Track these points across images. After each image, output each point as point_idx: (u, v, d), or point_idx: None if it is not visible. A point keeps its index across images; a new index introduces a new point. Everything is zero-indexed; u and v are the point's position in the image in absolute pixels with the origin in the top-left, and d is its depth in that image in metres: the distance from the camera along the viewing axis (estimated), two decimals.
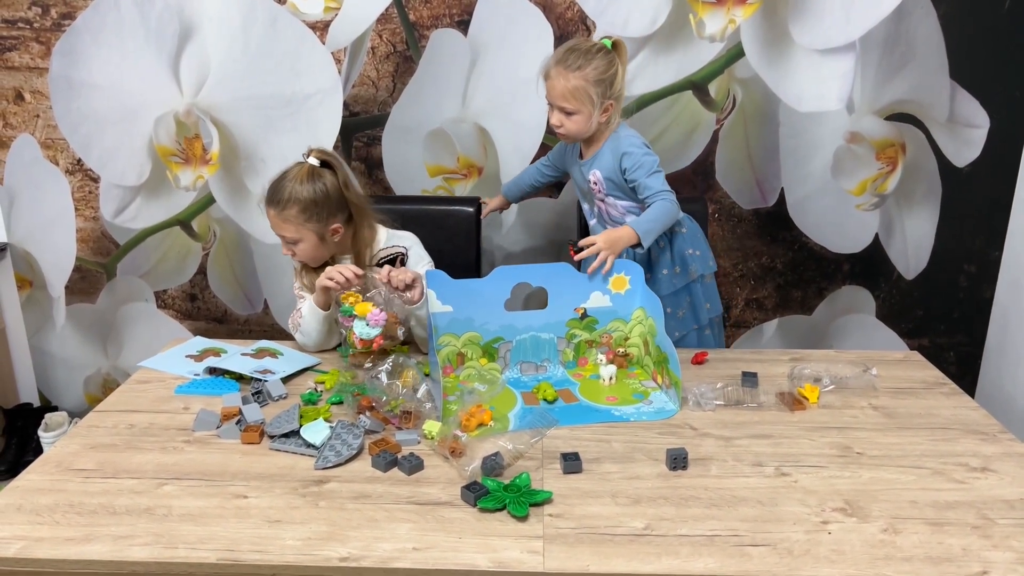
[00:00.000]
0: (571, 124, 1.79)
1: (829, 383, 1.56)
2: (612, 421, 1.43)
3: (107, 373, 2.69)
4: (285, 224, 1.70)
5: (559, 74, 1.75)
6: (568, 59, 1.75)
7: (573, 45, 1.78)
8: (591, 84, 1.74)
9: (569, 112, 1.77)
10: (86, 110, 2.39)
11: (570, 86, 1.74)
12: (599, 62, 1.75)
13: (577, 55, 1.75)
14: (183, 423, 1.43)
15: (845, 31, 2.25)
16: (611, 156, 1.83)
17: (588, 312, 1.62)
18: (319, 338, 1.73)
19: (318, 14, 2.32)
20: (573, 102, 1.75)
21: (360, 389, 1.47)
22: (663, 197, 1.78)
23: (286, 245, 1.74)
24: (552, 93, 1.78)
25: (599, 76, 1.75)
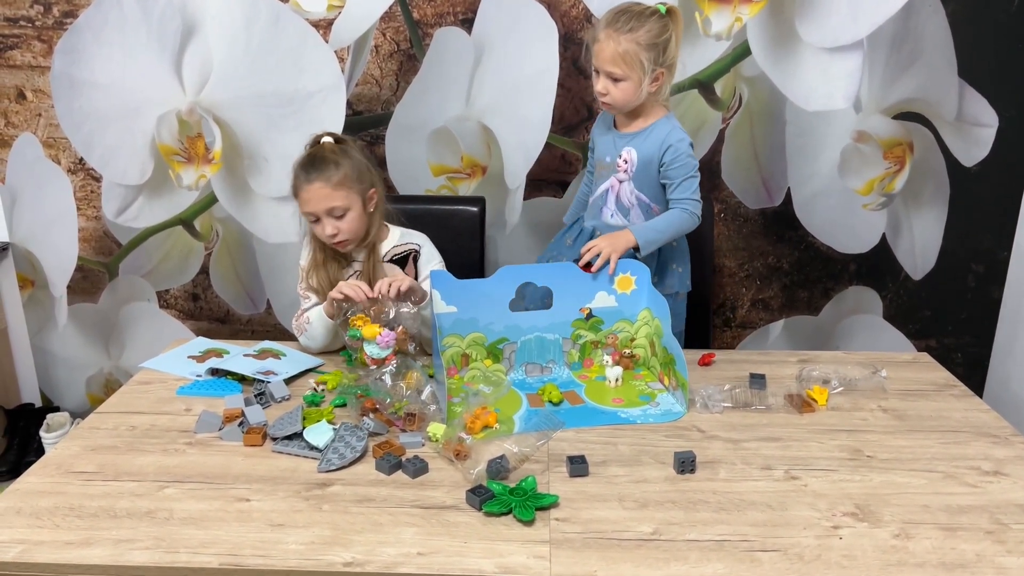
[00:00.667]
0: (618, 92, 1.68)
1: (838, 385, 1.54)
2: (619, 423, 1.42)
3: (109, 373, 2.68)
4: (336, 192, 1.66)
5: (608, 36, 1.64)
6: (619, 21, 1.65)
7: (624, 7, 1.68)
8: (643, 48, 1.63)
9: (617, 78, 1.66)
10: (88, 109, 2.38)
11: (620, 49, 1.63)
12: (652, 25, 1.65)
13: (629, 16, 1.65)
14: (185, 425, 1.42)
15: (852, 29, 2.23)
16: (657, 141, 1.73)
17: (593, 312, 1.60)
18: (325, 342, 1.72)
19: (321, 12, 2.30)
20: (623, 66, 1.64)
21: (363, 391, 1.45)
22: (684, 207, 1.73)
23: (331, 222, 1.68)
24: (600, 56, 1.66)
25: (652, 40, 1.64)
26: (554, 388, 1.50)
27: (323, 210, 1.68)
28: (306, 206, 1.69)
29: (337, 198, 1.67)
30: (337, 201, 1.67)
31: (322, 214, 1.68)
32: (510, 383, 1.50)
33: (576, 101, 2.35)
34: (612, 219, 1.82)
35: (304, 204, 1.69)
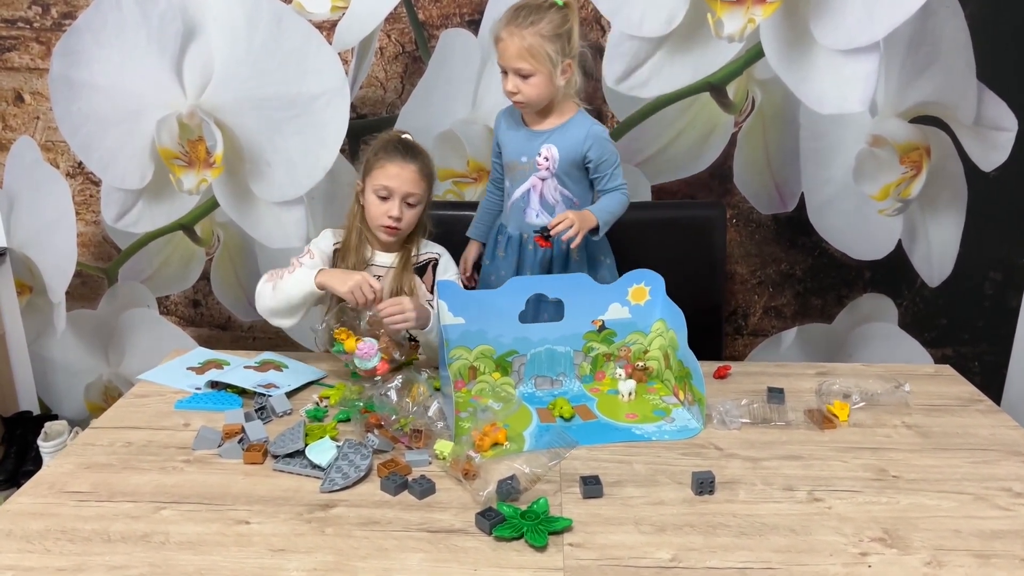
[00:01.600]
0: (529, 88, 1.68)
1: (859, 400, 1.49)
2: (633, 440, 1.36)
3: (108, 380, 2.63)
4: (422, 182, 1.69)
5: (511, 33, 1.64)
6: (519, 16, 1.65)
7: (521, 3, 1.68)
8: (547, 40, 1.64)
9: (526, 74, 1.66)
10: (87, 111, 2.33)
11: (525, 44, 1.63)
12: (553, 16, 1.66)
13: (528, 11, 1.65)
14: (183, 441, 1.37)
15: (869, 30, 2.18)
16: (579, 137, 1.73)
17: (606, 324, 1.55)
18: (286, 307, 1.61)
19: (325, 13, 2.25)
20: (531, 61, 1.64)
21: (367, 405, 1.41)
22: (623, 191, 1.79)
23: (402, 206, 1.67)
24: (505, 55, 1.66)
25: (555, 31, 1.65)
26: (565, 403, 1.44)
27: (404, 192, 1.67)
28: (390, 180, 1.67)
29: (420, 187, 1.70)
30: (419, 190, 1.69)
31: (399, 196, 1.67)
32: (520, 399, 1.45)
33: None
34: (537, 219, 1.81)
35: (388, 177, 1.67)
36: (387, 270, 1.77)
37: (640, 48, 2.23)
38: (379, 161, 1.70)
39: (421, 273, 1.78)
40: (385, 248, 1.77)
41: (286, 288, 1.61)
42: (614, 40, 2.23)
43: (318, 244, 1.77)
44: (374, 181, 1.70)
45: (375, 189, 1.69)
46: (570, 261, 1.83)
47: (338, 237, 1.80)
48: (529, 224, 1.82)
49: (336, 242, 1.80)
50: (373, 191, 1.70)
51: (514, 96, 1.70)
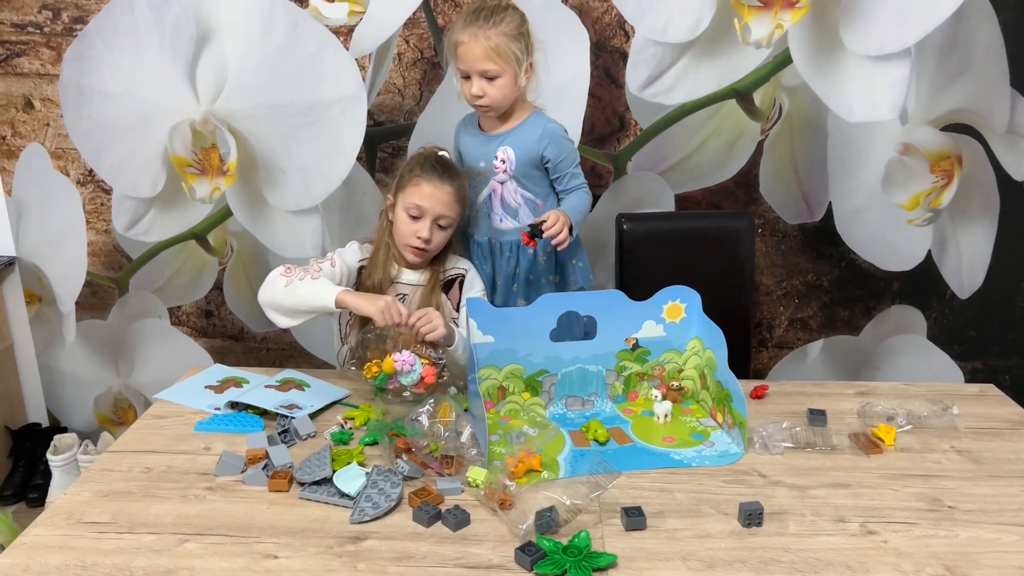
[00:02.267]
0: (495, 91, 1.67)
1: (905, 422, 1.43)
2: (672, 467, 1.31)
3: (118, 392, 2.58)
4: (456, 205, 1.67)
5: (474, 35, 1.63)
6: (480, 18, 1.64)
7: (476, 6, 1.67)
8: (511, 39, 1.64)
9: (492, 76, 1.65)
10: (98, 118, 2.28)
11: (491, 44, 1.63)
12: (512, 16, 1.67)
13: (488, 12, 1.65)
14: (204, 466, 1.32)
15: (900, 36, 2.12)
16: (535, 137, 1.73)
17: (640, 343, 1.49)
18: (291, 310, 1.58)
19: (342, 18, 2.20)
20: (498, 61, 1.63)
21: (396, 428, 1.35)
22: (585, 189, 1.79)
23: (433, 227, 1.65)
24: (469, 58, 1.65)
25: (516, 30, 1.66)
26: (599, 425, 1.39)
27: (436, 213, 1.65)
28: (424, 199, 1.64)
29: (454, 210, 1.67)
30: (452, 213, 1.66)
31: (431, 216, 1.64)
32: (558, 427, 1.38)
33: (608, 111, 2.25)
34: (502, 223, 1.80)
35: (422, 197, 1.64)
36: (414, 288, 1.72)
37: (665, 54, 2.18)
38: (414, 178, 1.66)
39: (447, 289, 1.73)
40: (411, 266, 1.71)
41: (302, 292, 1.56)
42: (638, 46, 2.18)
43: (343, 255, 1.71)
44: (406, 198, 1.65)
45: (407, 207, 1.65)
46: (536, 263, 1.81)
47: (364, 253, 1.75)
48: (497, 229, 1.81)
49: (362, 259, 1.74)
50: (404, 209, 1.65)
51: (479, 100, 1.69)
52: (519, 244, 1.77)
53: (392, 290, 1.72)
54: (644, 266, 2.04)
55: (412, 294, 1.72)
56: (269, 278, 1.61)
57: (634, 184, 2.30)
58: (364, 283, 1.72)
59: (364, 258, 1.75)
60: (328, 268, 1.65)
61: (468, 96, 1.70)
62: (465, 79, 1.69)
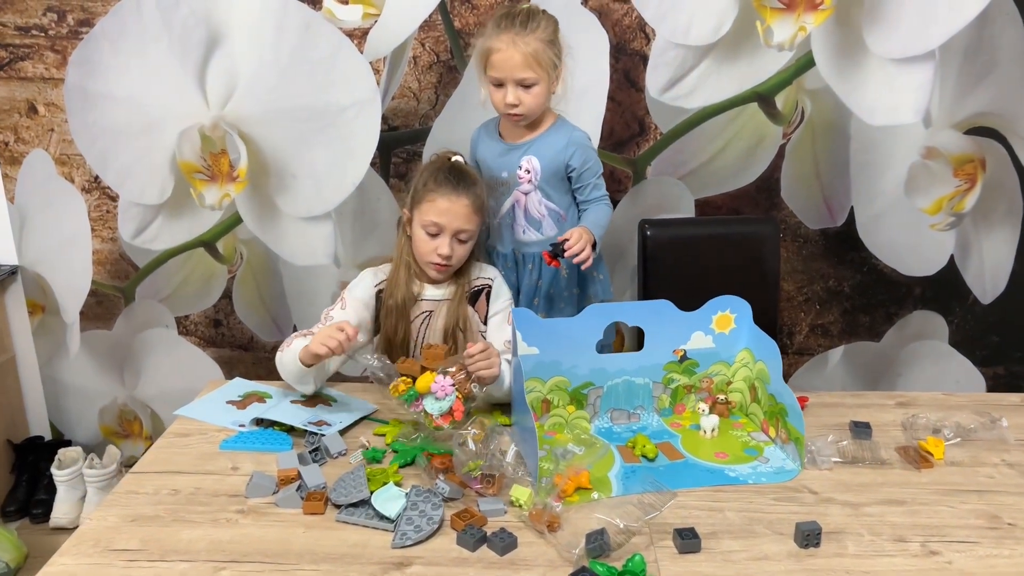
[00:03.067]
0: (531, 99, 1.62)
1: (952, 435, 1.40)
2: (727, 484, 1.26)
3: (124, 404, 2.51)
4: (474, 216, 1.59)
5: (511, 42, 1.58)
6: (515, 24, 1.59)
7: (507, 11, 1.62)
8: (548, 45, 1.60)
9: (529, 84, 1.60)
10: (104, 123, 2.22)
11: (530, 50, 1.58)
12: (547, 21, 1.62)
13: (524, 17, 1.60)
14: (234, 487, 1.26)
15: (924, 39, 2.10)
16: (560, 146, 1.69)
17: (688, 354, 1.45)
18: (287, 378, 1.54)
19: (356, 21, 2.15)
20: (536, 69, 1.59)
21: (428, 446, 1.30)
22: (607, 201, 1.76)
23: (452, 243, 1.57)
24: (507, 66, 1.59)
25: (551, 35, 1.62)
26: (646, 440, 1.34)
27: (455, 228, 1.57)
28: (440, 216, 1.56)
29: (473, 222, 1.59)
30: (471, 225, 1.59)
31: (450, 231, 1.57)
32: (608, 445, 1.34)
33: (627, 115, 2.21)
34: (525, 235, 1.77)
35: (438, 213, 1.56)
36: (439, 304, 1.65)
37: (686, 57, 2.14)
38: (428, 193, 1.58)
39: (473, 301, 1.67)
40: (434, 280, 1.65)
41: (285, 361, 1.51)
42: (659, 48, 2.14)
43: (353, 292, 1.65)
44: (423, 215, 1.58)
45: (424, 224, 1.58)
46: (558, 276, 1.77)
47: (380, 277, 1.67)
48: (521, 241, 1.78)
49: (378, 283, 1.66)
50: (422, 226, 1.58)
51: (514, 109, 1.63)
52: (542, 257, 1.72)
53: (416, 308, 1.65)
54: (668, 273, 1.99)
55: (437, 309, 1.65)
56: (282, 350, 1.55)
57: (654, 189, 2.26)
58: (386, 303, 1.63)
59: (381, 281, 1.66)
60: (339, 313, 1.59)
61: (500, 105, 1.65)
62: (497, 86, 1.63)
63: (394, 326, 1.62)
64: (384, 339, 1.66)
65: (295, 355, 1.47)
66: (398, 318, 1.62)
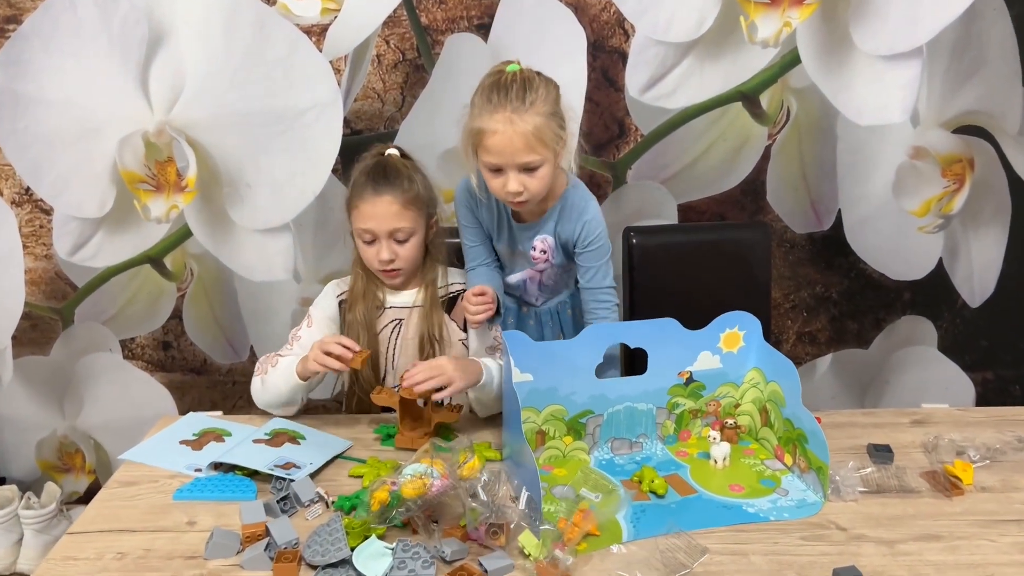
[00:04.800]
0: (536, 183, 1.35)
1: (977, 457, 1.30)
2: (747, 522, 1.14)
3: (64, 435, 2.30)
4: (405, 212, 1.44)
5: (508, 121, 1.31)
6: (510, 99, 1.32)
7: (498, 81, 1.35)
8: (550, 118, 1.33)
9: (534, 167, 1.34)
10: (36, 130, 2.02)
11: (531, 129, 1.30)
12: (545, 88, 1.36)
13: (519, 89, 1.32)
14: (191, 547, 1.10)
15: (911, 35, 2.01)
16: (573, 218, 1.47)
17: (694, 376, 1.32)
18: (278, 403, 1.45)
19: (314, 16, 2.00)
20: (540, 150, 1.32)
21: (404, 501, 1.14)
22: (608, 304, 1.50)
23: (390, 245, 1.45)
24: (507, 150, 1.32)
25: (553, 106, 1.35)
26: (654, 474, 1.21)
27: (386, 230, 1.44)
28: (366, 222, 1.45)
29: (405, 218, 1.45)
30: (404, 222, 1.45)
31: (383, 235, 1.44)
32: (626, 496, 1.17)
33: (606, 116, 2.09)
34: (538, 302, 1.62)
35: (363, 219, 1.45)
36: (409, 310, 1.53)
37: (667, 54, 2.03)
38: (353, 200, 1.47)
39: (450, 307, 1.54)
40: (398, 286, 1.53)
41: (274, 383, 1.43)
42: (638, 46, 2.03)
43: (319, 305, 1.57)
44: (355, 224, 1.48)
45: (358, 234, 1.48)
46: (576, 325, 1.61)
47: (343, 288, 1.58)
48: (534, 306, 1.63)
49: (340, 293, 1.57)
50: (357, 235, 1.48)
51: (517, 198, 1.37)
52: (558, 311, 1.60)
53: (383, 317, 1.55)
54: (655, 283, 1.87)
55: (408, 317, 1.54)
56: (252, 385, 1.49)
57: (635, 194, 2.15)
58: (347, 317, 1.54)
59: (344, 292, 1.57)
60: (306, 332, 1.51)
61: (501, 193, 1.39)
62: (495, 171, 1.37)
63: (357, 339, 1.49)
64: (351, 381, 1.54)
65: (287, 372, 1.40)
66: (360, 330, 1.51)
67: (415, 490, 1.05)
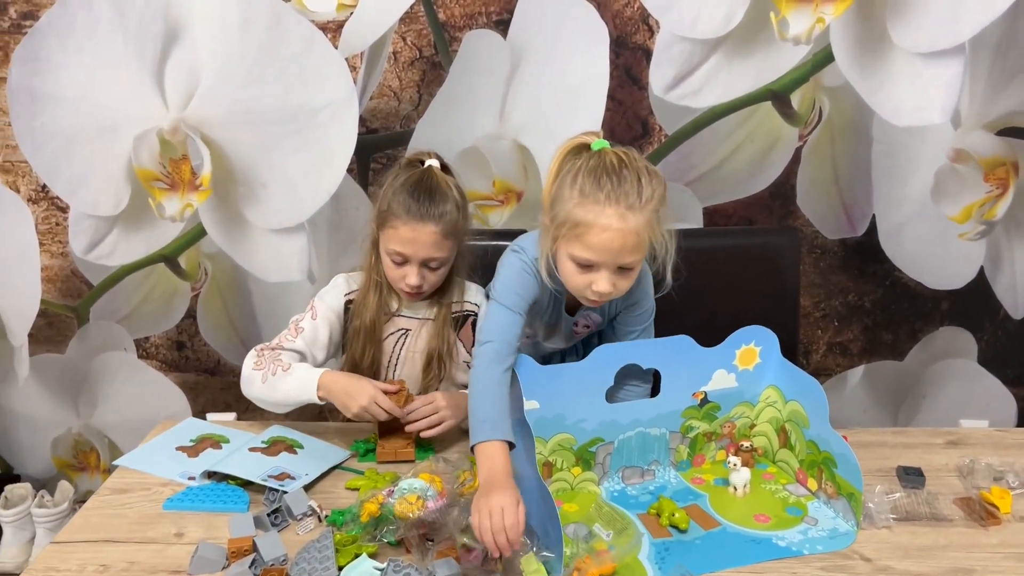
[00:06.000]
0: (626, 283, 1.20)
1: (1017, 483, 1.21)
2: (781, 557, 1.06)
3: (78, 433, 2.30)
4: (446, 242, 1.36)
5: (622, 217, 1.13)
6: (626, 193, 1.14)
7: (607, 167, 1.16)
8: (657, 215, 1.18)
9: (628, 267, 1.19)
10: (52, 127, 2.01)
11: (638, 226, 1.14)
12: (658, 179, 1.19)
13: (633, 179, 1.15)
14: (176, 560, 1.05)
15: (953, 31, 1.91)
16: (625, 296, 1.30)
17: (708, 396, 1.25)
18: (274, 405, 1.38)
19: (330, 13, 1.96)
20: (645, 247, 1.18)
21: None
22: None
23: (419, 272, 1.36)
24: (612, 251, 1.15)
25: (662, 200, 1.19)
26: (672, 505, 1.13)
27: (421, 258, 1.36)
28: (402, 245, 1.35)
29: (444, 248, 1.36)
30: (442, 252, 1.37)
31: (417, 261, 1.36)
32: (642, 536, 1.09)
33: (629, 115, 2.02)
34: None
35: (399, 242, 1.35)
36: (420, 323, 1.47)
37: (693, 51, 1.95)
38: (391, 218, 1.35)
39: (459, 326, 1.48)
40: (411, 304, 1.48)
41: (283, 389, 1.34)
42: (663, 43, 1.96)
43: (325, 299, 1.48)
44: (387, 242, 1.38)
45: (388, 252, 1.38)
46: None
47: (352, 286, 1.49)
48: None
49: (348, 293, 1.49)
50: (387, 253, 1.39)
51: (605, 297, 1.20)
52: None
53: (391, 324, 1.48)
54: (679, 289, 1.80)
55: (417, 329, 1.48)
56: (244, 372, 1.39)
57: None
58: (353, 323, 1.46)
59: (353, 291, 1.48)
60: (309, 324, 1.43)
61: (584, 289, 1.20)
62: (584, 267, 1.18)
63: (361, 348, 1.44)
64: (350, 361, 1.47)
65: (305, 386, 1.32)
66: (366, 340, 1.44)
67: (406, 510, 1.00)
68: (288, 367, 1.35)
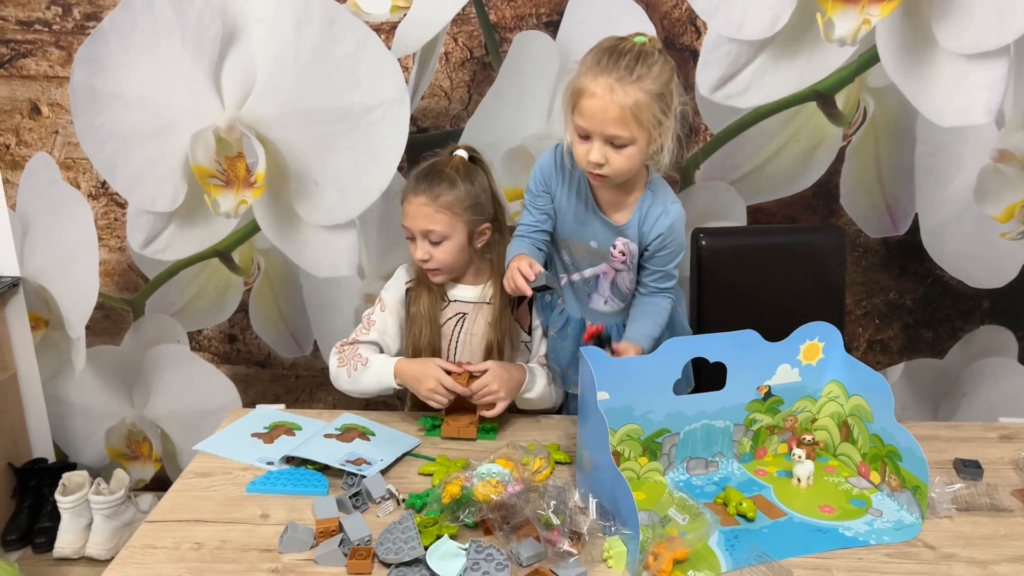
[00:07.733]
0: (621, 160, 1.29)
1: None
2: (847, 547, 1.09)
3: (132, 424, 2.36)
4: (438, 215, 1.45)
5: (609, 88, 1.24)
6: (618, 66, 1.25)
7: (612, 46, 1.28)
8: (655, 99, 1.26)
9: (621, 144, 1.28)
10: (112, 125, 2.07)
11: (629, 102, 1.23)
12: (660, 67, 1.28)
13: (631, 58, 1.25)
14: (265, 540, 1.10)
15: (998, 32, 1.93)
16: (658, 219, 1.41)
17: (772, 391, 1.28)
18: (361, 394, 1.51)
19: (384, 14, 2.00)
20: (633, 127, 1.25)
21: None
22: (670, 295, 1.49)
23: (423, 245, 1.47)
24: (597, 118, 1.26)
25: (662, 87, 1.27)
26: (739, 495, 1.17)
27: (419, 230, 1.47)
28: (404, 219, 1.50)
29: (437, 221, 1.45)
30: (436, 225, 1.45)
31: (418, 234, 1.47)
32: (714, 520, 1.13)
33: None
34: (606, 306, 1.54)
35: (404, 216, 1.51)
36: (476, 307, 1.53)
37: (739, 52, 1.98)
38: (402, 195, 1.53)
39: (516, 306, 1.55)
40: (457, 280, 1.56)
41: (365, 381, 1.48)
42: (710, 43, 1.98)
43: (390, 289, 1.61)
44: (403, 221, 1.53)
45: (404, 231, 1.53)
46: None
47: (412, 274, 1.60)
48: (596, 311, 1.54)
49: (408, 280, 1.59)
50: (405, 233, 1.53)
51: (597, 170, 1.31)
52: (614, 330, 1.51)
53: (448, 309, 1.56)
54: (725, 286, 1.84)
55: (474, 313, 1.54)
56: (332, 370, 1.53)
57: (703, 195, 2.10)
58: (410, 308, 1.57)
59: (411, 279, 1.59)
60: (379, 316, 1.55)
61: (582, 160, 1.32)
62: (583, 137, 1.31)
63: (420, 332, 1.53)
64: (411, 346, 1.54)
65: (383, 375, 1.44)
66: (424, 324, 1.53)
67: (487, 494, 1.04)
68: (367, 361, 1.46)
